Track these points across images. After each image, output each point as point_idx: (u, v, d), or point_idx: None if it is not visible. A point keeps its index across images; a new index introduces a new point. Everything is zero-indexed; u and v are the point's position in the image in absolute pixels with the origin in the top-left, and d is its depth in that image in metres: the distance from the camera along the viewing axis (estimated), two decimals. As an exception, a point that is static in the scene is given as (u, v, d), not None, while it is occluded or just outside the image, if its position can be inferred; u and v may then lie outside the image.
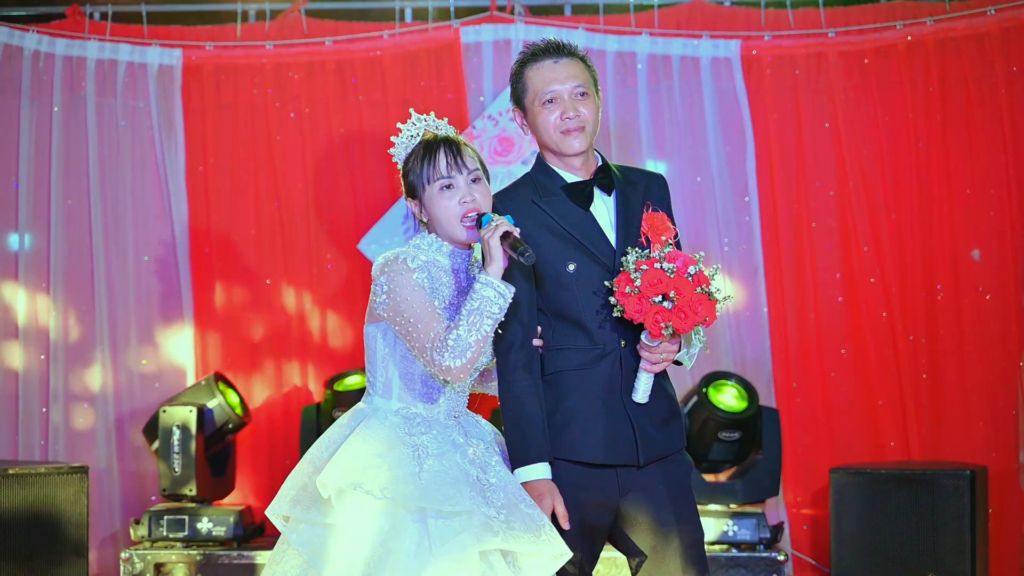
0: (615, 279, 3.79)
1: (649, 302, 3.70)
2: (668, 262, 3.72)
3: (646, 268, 3.71)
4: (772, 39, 7.48)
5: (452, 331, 3.61)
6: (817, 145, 7.44)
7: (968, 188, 7.28)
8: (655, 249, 3.78)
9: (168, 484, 7.02)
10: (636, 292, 3.70)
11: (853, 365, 7.37)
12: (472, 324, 3.61)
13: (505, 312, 3.66)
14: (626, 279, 3.74)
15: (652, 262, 3.73)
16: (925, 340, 7.31)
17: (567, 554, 3.67)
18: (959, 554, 6.47)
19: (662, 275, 3.70)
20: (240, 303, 7.63)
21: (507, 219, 3.70)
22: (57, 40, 7.54)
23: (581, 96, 3.94)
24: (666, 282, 3.69)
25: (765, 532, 6.75)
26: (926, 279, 7.33)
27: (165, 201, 7.58)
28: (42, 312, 7.45)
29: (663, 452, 3.91)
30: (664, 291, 3.69)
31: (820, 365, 7.40)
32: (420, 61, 7.61)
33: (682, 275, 3.71)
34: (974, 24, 7.28)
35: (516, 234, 3.65)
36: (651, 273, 3.71)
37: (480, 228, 3.72)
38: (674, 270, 3.71)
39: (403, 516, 3.58)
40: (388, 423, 3.73)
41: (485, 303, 3.62)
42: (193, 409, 7.04)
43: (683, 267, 3.72)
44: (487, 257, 3.66)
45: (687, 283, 3.70)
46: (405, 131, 3.91)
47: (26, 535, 6.43)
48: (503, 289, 3.64)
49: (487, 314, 3.61)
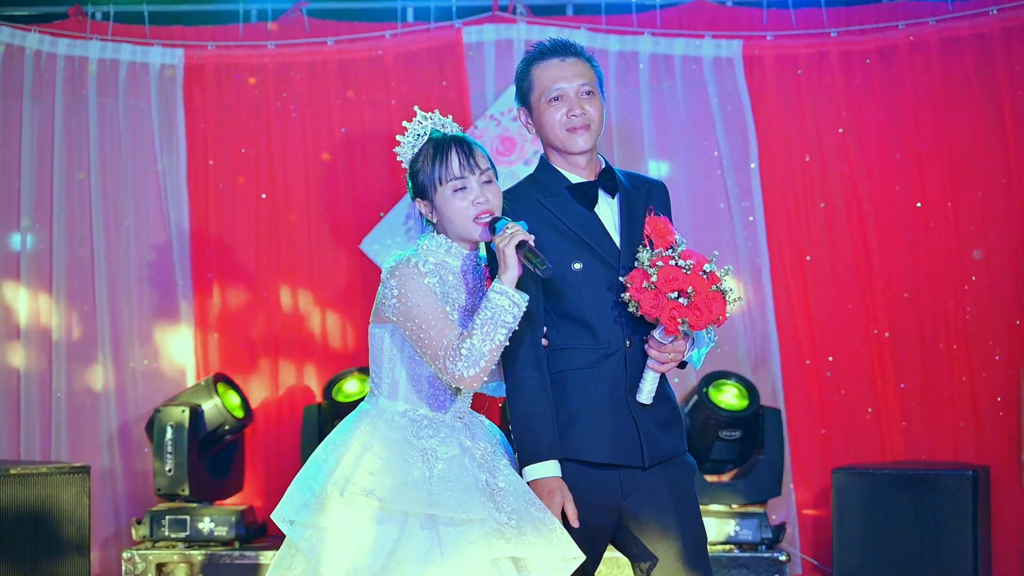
0: (628, 275, 3.78)
1: (666, 297, 3.69)
2: (683, 259, 3.72)
3: (661, 264, 3.71)
4: (774, 39, 7.48)
5: (466, 340, 3.58)
6: (819, 145, 7.44)
7: (969, 188, 7.28)
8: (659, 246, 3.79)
9: (163, 484, 7.02)
10: (652, 287, 3.69)
11: (858, 364, 7.36)
12: (486, 334, 3.57)
13: (519, 321, 3.63)
14: (641, 275, 3.73)
15: (667, 259, 3.73)
16: (929, 339, 7.30)
17: (580, 557, 3.65)
18: (961, 554, 6.48)
19: (678, 272, 3.70)
20: (241, 303, 7.63)
21: (522, 224, 3.67)
22: (59, 40, 7.54)
23: (587, 95, 3.93)
24: (682, 278, 3.69)
25: (767, 532, 6.74)
26: (927, 279, 7.32)
27: (166, 201, 7.57)
28: (44, 312, 7.45)
29: (667, 454, 3.90)
30: (681, 287, 3.69)
31: (824, 365, 7.39)
32: (422, 61, 7.61)
33: (697, 272, 3.71)
34: (976, 24, 7.28)
35: (531, 243, 3.62)
36: (667, 269, 3.70)
37: (494, 233, 3.68)
38: (690, 267, 3.71)
39: (412, 523, 3.55)
40: (395, 426, 3.70)
41: (499, 312, 3.59)
42: (186, 409, 7.04)
43: (698, 265, 3.73)
44: (501, 265, 3.62)
45: (703, 280, 3.71)
46: (411, 130, 3.85)
47: (28, 535, 6.43)
48: (517, 298, 3.61)
49: (501, 323, 3.58)
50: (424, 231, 3.86)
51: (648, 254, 3.76)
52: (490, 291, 3.61)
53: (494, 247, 3.67)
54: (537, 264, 3.57)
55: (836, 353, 7.39)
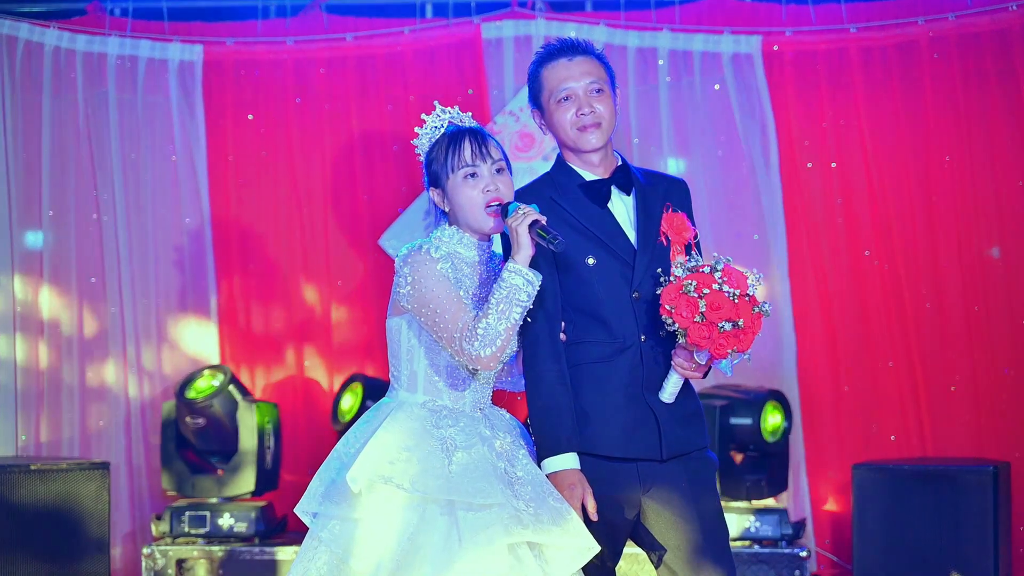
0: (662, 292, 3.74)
1: (717, 329, 3.67)
2: (729, 286, 3.69)
3: (707, 291, 3.68)
4: (793, 35, 7.46)
5: (481, 320, 3.61)
6: (839, 141, 7.42)
7: (989, 184, 7.26)
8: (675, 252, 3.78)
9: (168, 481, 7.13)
10: (703, 319, 3.67)
11: (878, 361, 7.35)
12: (501, 312, 3.61)
13: (533, 300, 3.66)
14: (687, 303, 3.69)
15: (707, 278, 3.70)
16: (950, 336, 7.28)
17: (595, 548, 3.66)
18: (982, 550, 6.46)
19: (724, 299, 3.67)
20: (262, 297, 7.64)
21: (533, 207, 3.70)
22: (78, 36, 7.54)
23: (596, 93, 3.94)
24: (730, 307, 3.66)
25: (787, 528, 6.74)
26: (946, 274, 7.30)
27: (187, 196, 7.58)
28: (64, 307, 7.47)
29: (686, 448, 3.89)
30: (731, 317, 3.67)
31: (845, 361, 7.38)
32: (441, 57, 7.60)
33: (743, 298, 3.69)
34: (996, 19, 7.25)
35: (543, 222, 3.66)
36: (714, 296, 3.67)
37: (505, 217, 3.72)
38: (737, 296, 3.68)
39: (432, 509, 3.58)
40: (415, 416, 3.72)
41: (514, 291, 3.62)
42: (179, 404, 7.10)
43: (742, 288, 3.70)
44: (515, 245, 3.66)
45: (748, 305, 3.69)
46: (429, 122, 3.91)
47: (48, 531, 6.46)
48: (531, 276, 3.64)
49: (516, 302, 3.62)
50: (438, 224, 3.89)
51: (683, 269, 3.76)
52: (504, 271, 3.65)
53: (507, 229, 3.71)
54: (550, 240, 3.61)
55: (855, 347, 7.37)
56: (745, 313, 3.68)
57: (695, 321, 3.68)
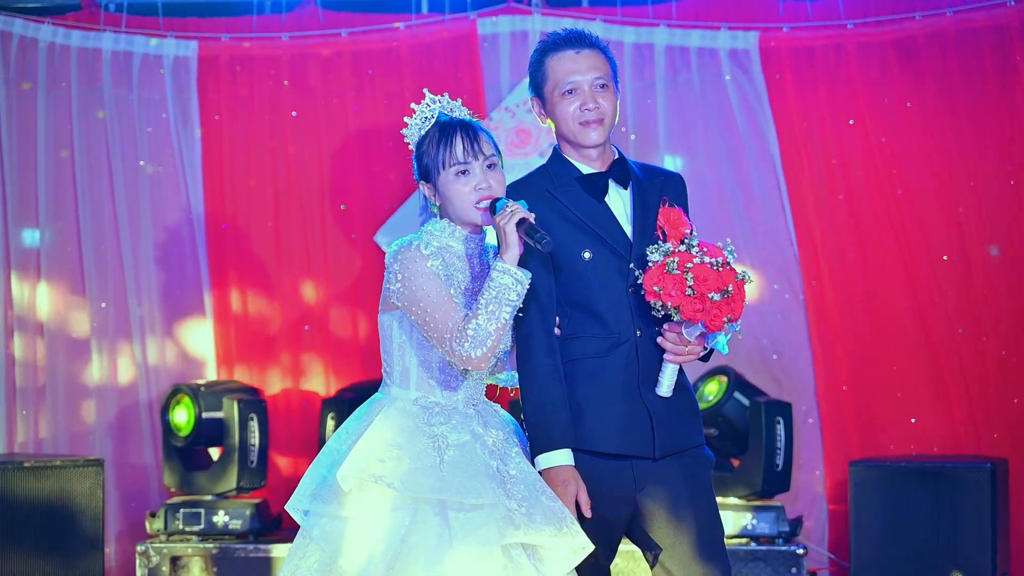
0: (647, 276, 3.72)
1: (709, 300, 3.65)
2: (709, 256, 3.68)
3: (690, 265, 3.66)
4: (790, 30, 7.45)
5: (471, 320, 3.58)
6: (837, 137, 7.40)
7: (985, 180, 7.24)
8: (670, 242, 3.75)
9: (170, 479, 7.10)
10: (693, 292, 3.65)
11: (877, 359, 7.33)
12: (491, 313, 3.57)
13: (523, 299, 3.63)
14: (674, 281, 3.67)
15: (685, 255, 3.69)
16: (948, 333, 7.27)
17: (589, 547, 3.62)
18: (980, 547, 6.46)
19: (709, 270, 3.66)
20: (257, 295, 7.62)
21: (522, 204, 3.66)
22: (72, 32, 7.53)
23: (601, 88, 3.90)
24: (716, 276, 3.66)
25: (784, 526, 6.72)
26: (944, 270, 7.28)
27: (182, 193, 7.57)
28: (61, 305, 7.46)
29: (680, 445, 3.86)
30: (721, 286, 3.65)
31: (843, 359, 7.36)
32: (436, 52, 7.58)
33: (724, 266, 3.68)
34: (993, 15, 7.24)
35: (531, 220, 3.62)
36: (698, 269, 3.66)
37: (494, 214, 3.68)
38: (719, 264, 3.68)
39: (424, 509, 3.54)
40: (406, 413, 3.69)
41: (503, 291, 3.58)
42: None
43: (723, 259, 3.70)
44: (502, 244, 3.63)
45: (731, 273, 3.68)
46: (419, 112, 3.86)
47: (42, 528, 6.45)
48: (520, 276, 3.61)
49: (505, 301, 3.58)
50: (429, 216, 3.86)
51: (660, 253, 3.73)
52: (492, 270, 3.60)
53: (494, 227, 3.67)
54: (538, 239, 3.57)
55: (857, 344, 7.36)
56: (730, 280, 3.67)
57: (686, 295, 3.66)
